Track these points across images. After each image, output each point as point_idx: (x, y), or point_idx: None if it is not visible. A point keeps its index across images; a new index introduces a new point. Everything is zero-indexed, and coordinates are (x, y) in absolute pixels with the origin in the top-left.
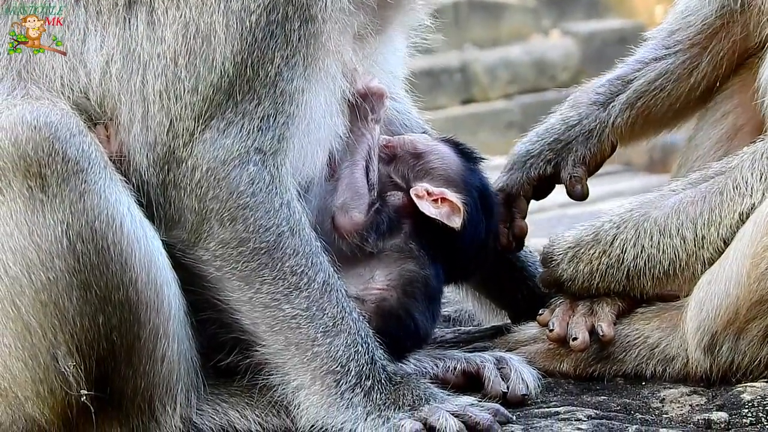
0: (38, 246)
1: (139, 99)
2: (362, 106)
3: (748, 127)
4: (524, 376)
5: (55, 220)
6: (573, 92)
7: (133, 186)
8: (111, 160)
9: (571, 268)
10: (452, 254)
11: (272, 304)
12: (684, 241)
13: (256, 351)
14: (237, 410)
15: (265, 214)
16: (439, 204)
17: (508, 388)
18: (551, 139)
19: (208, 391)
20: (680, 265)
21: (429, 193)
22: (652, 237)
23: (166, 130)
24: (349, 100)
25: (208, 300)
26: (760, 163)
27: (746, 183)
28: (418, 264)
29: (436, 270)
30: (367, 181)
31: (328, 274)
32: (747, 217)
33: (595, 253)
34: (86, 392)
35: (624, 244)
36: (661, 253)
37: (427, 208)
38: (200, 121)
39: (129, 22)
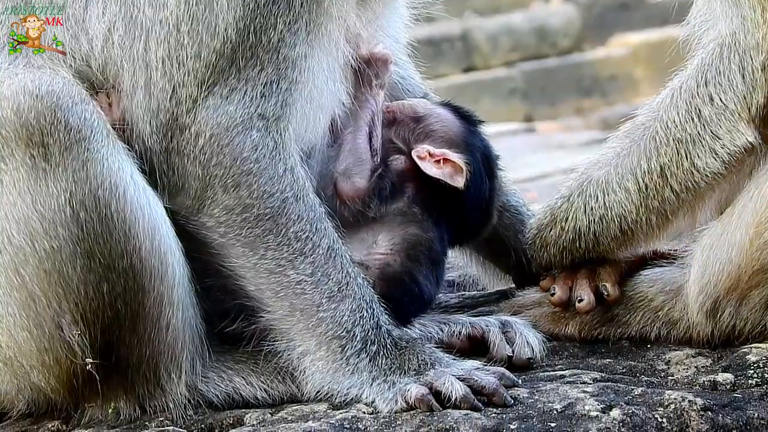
0: (42, 215)
1: (141, 66)
2: (366, 72)
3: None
4: (529, 340)
5: (58, 188)
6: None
7: (137, 153)
8: (113, 127)
9: (544, 253)
10: (455, 216)
11: (277, 270)
12: (627, 193)
13: (261, 317)
14: (242, 377)
15: (269, 180)
16: (442, 165)
17: (513, 351)
18: None
19: (213, 358)
20: (632, 219)
21: (431, 154)
22: (597, 198)
23: (168, 96)
24: (353, 66)
25: (213, 267)
26: (679, 98)
27: (674, 123)
28: (421, 227)
29: (439, 233)
30: (370, 147)
31: (333, 240)
32: (700, 166)
33: (555, 233)
34: (92, 361)
35: (576, 214)
36: (609, 210)
37: (429, 168)
38: (203, 88)
39: None
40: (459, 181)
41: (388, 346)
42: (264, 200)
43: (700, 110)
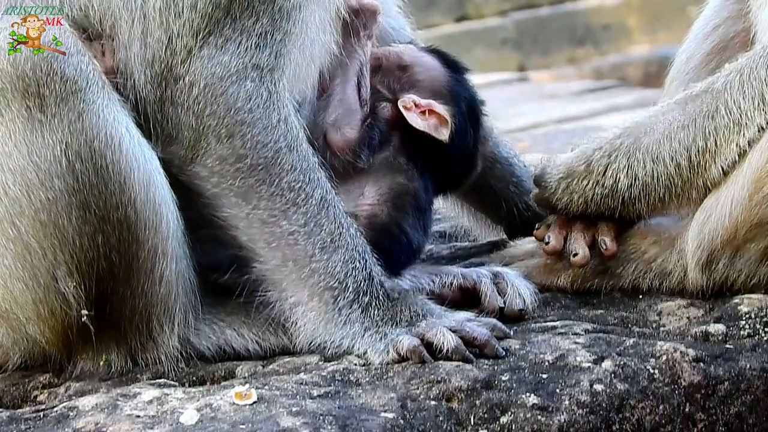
0: (37, 166)
1: (139, 16)
2: (355, 22)
3: (738, 39)
4: (521, 291)
5: (53, 140)
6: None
7: (131, 104)
8: (107, 77)
9: (566, 198)
10: (440, 165)
11: (270, 221)
12: (679, 168)
13: (254, 267)
14: (234, 329)
15: (263, 129)
16: (427, 116)
17: (504, 303)
18: None
19: (205, 310)
20: (675, 191)
21: (416, 105)
22: (645, 165)
23: (164, 47)
24: (342, 17)
25: (206, 217)
26: (749, 85)
27: (740, 109)
28: (406, 177)
29: (424, 182)
30: (359, 98)
31: (326, 190)
32: (747, 148)
33: (588, 184)
34: (87, 312)
35: (617, 173)
36: (655, 181)
37: (415, 120)
38: (198, 38)
39: None
40: (444, 134)
41: (381, 297)
42: (257, 150)
43: None
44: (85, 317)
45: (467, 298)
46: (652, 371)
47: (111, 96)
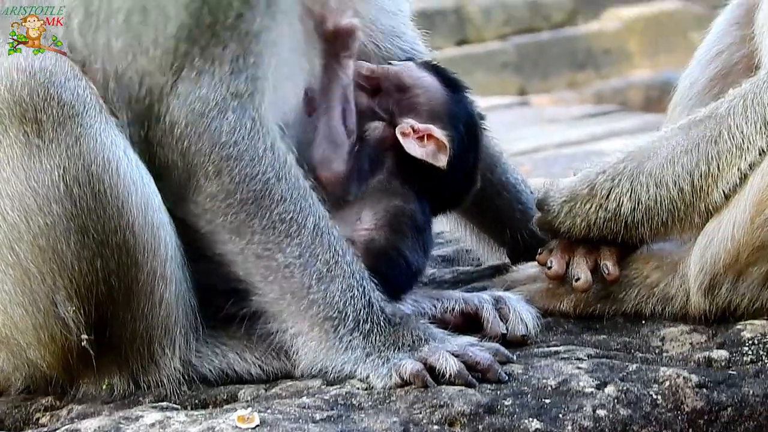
0: (35, 191)
1: (106, 55)
2: (334, 43)
3: (742, 65)
4: (523, 316)
5: (51, 164)
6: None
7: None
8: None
9: (568, 221)
10: (439, 187)
11: (264, 254)
12: (681, 193)
13: (253, 299)
14: (236, 352)
15: (250, 161)
16: (425, 141)
17: (507, 328)
18: None
19: (206, 333)
20: (678, 216)
21: (414, 130)
22: (648, 189)
23: (138, 86)
24: (319, 38)
25: (204, 249)
26: (752, 110)
27: (742, 133)
28: (403, 199)
29: (422, 203)
30: (345, 128)
31: (319, 217)
32: (748, 172)
33: (591, 207)
34: (86, 337)
35: (620, 197)
36: (658, 205)
37: (413, 148)
38: (170, 74)
39: None
40: (442, 160)
41: (382, 323)
42: (246, 184)
43: None
44: (85, 342)
45: (469, 323)
46: (655, 397)
47: (108, 120)
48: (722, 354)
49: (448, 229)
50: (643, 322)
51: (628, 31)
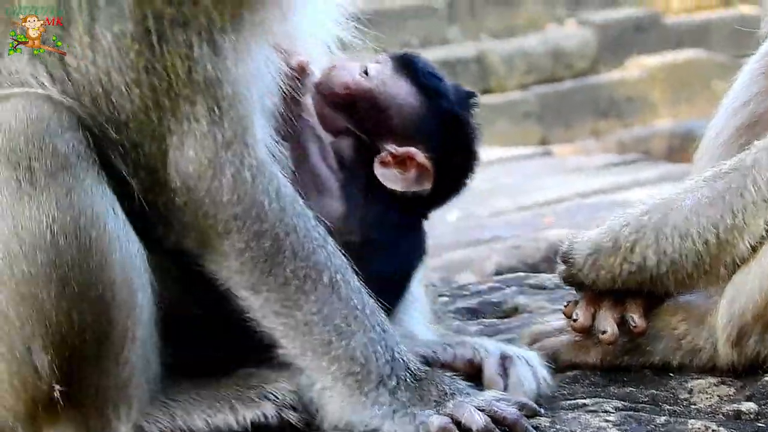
0: (22, 238)
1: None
2: (292, 87)
3: None
4: (524, 380)
5: (40, 213)
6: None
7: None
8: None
9: (593, 274)
10: (433, 192)
11: (282, 312)
12: (707, 245)
13: (279, 352)
14: (186, 411)
15: (257, 218)
16: (407, 166)
17: (505, 387)
18: None
19: (167, 397)
20: (704, 268)
21: (394, 156)
22: (673, 242)
23: (141, 160)
24: (279, 82)
25: (187, 301)
26: None
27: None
28: (386, 205)
29: (411, 205)
30: (328, 167)
31: (335, 268)
32: None
33: (615, 261)
34: (59, 387)
35: (645, 251)
36: (683, 257)
37: (392, 181)
38: (156, 145)
39: None
40: (426, 185)
41: (407, 378)
42: (256, 241)
43: None
44: (57, 392)
45: (478, 372)
46: None
47: (101, 175)
48: (751, 406)
49: (473, 281)
50: (671, 374)
51: (650, 80)
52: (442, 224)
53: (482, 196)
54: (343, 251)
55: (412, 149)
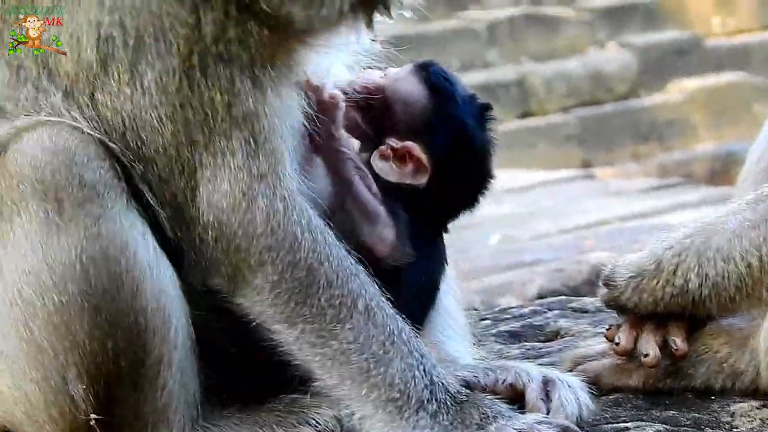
0: (52, 269)
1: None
2: (323, 123)
3: None
4: (566, 404)
5: (69, 244)
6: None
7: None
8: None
9: (635, 297)
10: (437, 198)
11: (318, 342)
12: (749, 268)
13: (315, 384)
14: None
15: (290, 248)
16: (407, 160)
17: (548, 412)
18: None
19: (208, 421)
20: (746, 291)
21: (394, 150)
22: (715, 265)
23: (168, 195)
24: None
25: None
26: None
27: None
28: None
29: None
30: (372, 193)
31: (369, 295)
32: None
33: (658, 284)
34: (96, 416)
35: (687, 274)
36: (726, 280)
37: (386, 171)
38: (187, 179)
39: None
40: (421, 180)
41: (447, 401)
42: (290, 272)
43: None
44: (92, 421)
45: (520, 397)
46: None
47: (130, 203)
48: None
49: (515, 304)
50: (713, 397)
51: (691, 103)
52: (483, 247)
53: (523, 219)
54: (381, 270)
55: (410, 143)
